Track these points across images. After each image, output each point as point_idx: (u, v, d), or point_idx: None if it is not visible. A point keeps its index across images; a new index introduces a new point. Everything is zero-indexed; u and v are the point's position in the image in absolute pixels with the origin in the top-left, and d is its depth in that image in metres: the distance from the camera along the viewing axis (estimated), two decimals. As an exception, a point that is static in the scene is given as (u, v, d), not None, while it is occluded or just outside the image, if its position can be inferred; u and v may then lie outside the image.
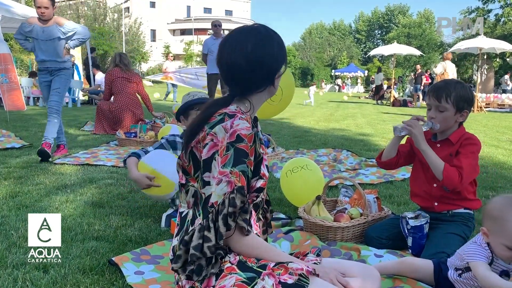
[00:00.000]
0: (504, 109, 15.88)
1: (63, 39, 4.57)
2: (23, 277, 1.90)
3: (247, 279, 1.25)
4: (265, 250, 1.37)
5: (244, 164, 1.33)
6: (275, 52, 1.46)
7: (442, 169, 2.08)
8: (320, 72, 47.40)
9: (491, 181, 3.95)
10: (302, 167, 3.01)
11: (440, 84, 2.21)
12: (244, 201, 1.31)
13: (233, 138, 1.33)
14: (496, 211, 1.64)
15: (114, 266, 2.01)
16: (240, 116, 1.39)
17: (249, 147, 1.35)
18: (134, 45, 33.76)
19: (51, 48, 4.52)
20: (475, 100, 2.48)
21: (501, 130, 8.70)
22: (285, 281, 1.24)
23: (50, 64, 4.59)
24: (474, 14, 27.47)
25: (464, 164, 2.09)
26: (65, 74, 4.67)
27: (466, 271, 1.72)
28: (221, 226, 1.28)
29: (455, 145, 2.19)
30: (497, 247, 1.63)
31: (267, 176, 1.48)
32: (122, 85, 6.47)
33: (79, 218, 2.72)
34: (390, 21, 56.40)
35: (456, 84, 2.18)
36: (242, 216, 1.32)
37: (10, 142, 5.43)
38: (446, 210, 2.25)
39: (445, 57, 12.45)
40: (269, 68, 1.46)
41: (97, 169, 4.17)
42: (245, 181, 1.32)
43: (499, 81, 22.89)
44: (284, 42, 1.54)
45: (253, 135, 1.37)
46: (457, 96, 2.12)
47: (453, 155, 2.18)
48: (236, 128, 1.35)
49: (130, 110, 6.49)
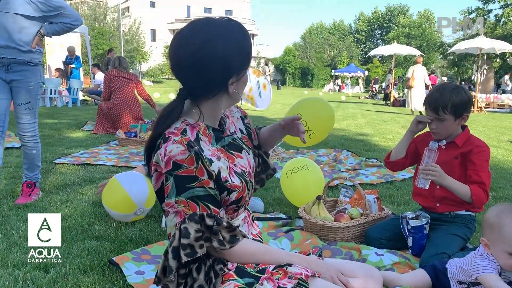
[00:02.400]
0: (504, 110, 15.89)
1: (37, 19, 2.90)
2: (24, 276, 1.90)
3: (245, 285, 1.23)
4: (263, 254, 1.32)
5: (191, 190, 1.21)
6: (229, 53, 1.23)
7: (470, 195, 2.09)
8: (320, 72, 47.37)
9: (491, 181, 3.94)
10: (303, 167, 3.01)
11: (435, 96, 2.17)
12: (198, 229, 1.20)
13: (170, 167, 1.21)
14: (492, 218, 1.64)
15: (114, 265, 2.02)
16: (174, 139, 1.22)
17: (194, 169, 1.21)
18: (134, 44, 33.71)
19: (10, 26, 2.81)
20: (472, 99, 2.38)
21: (501, 130, 8.70)
22: (284, 286, 1.22)
23: (6, 53, 2.86)
24: (474, 14, 27.46)
25: (484, 178, 2.12)
26: (32, 75, 3.00)
27: (472, 285, 1.69)
28: (170, 259, 1.20)
29: (461, 147, 2.20)
30: (500, 257, 1.61)
31: (239, 186, 1.34)
32: (120, 83, 6.56)
33: (80, 217, 2.72)
34: (390, 21, 56.37)
35: (451, 91, 2.14)
36: (214, 238, 1.22)
37: (10, 141, 5.42)
38: (448, 211, 2.25)
39: (416, 60, 12.35)
40: (218, 71, 1.24)
41: (97, 169, 4.17)
42: (196, 206, 1.21)
43: (498, 81, 22.89)
44: (250, 41, 1.29)
45: (192, 157, 1.21)
46: (454, 105, 2.12)
47: (458, 157, 2.19)
48: (170, 155, 1.20)
49: (128, 107, 6.53)
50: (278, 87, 37.09)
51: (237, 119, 1.54)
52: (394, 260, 2.11)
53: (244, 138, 1.51)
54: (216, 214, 1.24)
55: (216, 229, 1.22)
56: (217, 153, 1.33)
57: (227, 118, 1.49)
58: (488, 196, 2.14)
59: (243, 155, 1.44)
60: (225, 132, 1.42)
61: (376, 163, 4.56)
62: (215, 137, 1.37)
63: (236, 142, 1.44)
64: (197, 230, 1.20)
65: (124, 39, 30.37)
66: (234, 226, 1.28)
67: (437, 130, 2.19)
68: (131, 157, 4.86)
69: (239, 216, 1.42)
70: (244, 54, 1.28)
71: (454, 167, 2.20)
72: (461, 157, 2.19)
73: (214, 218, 1.23)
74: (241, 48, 1.27)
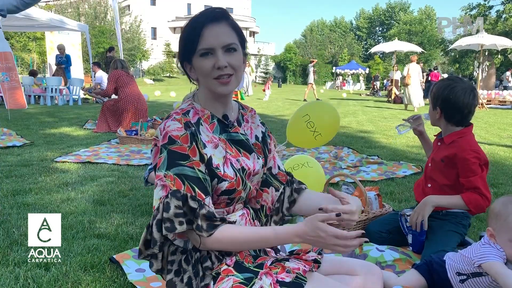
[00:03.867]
0: (506, 106, 15.84)
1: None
2: (24, 274, 1.90)
3: (244, 280, 1.23)
4: (245, 242, 1.26)
5: (181, 167, 1.23)
6: (180, 40, 1.34)
7: (464, 203, 2.07)
8: (321, 69, 47.30)
9: (492, 177, 3.95)
10: (303, 164, 3.00)
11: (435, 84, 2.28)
12: (179, 206, 1.21)
13: (166, 140, 1.25)
14: (498, 208, 1.64)
15: (115, 263, 2.02)
16: (175, 117, 1.28)
17: (187, 148, 1.25)
18: (135, 43, 33.71)
19: None
20: (465, 106, 2.23)
21: (503, 126, 8.68)
22: (282, 280, 1.23)
23: None
24: (475, 10, 27.41)
25: (476, 182, 2.05)
26: None
27: (472, 276, 1.68)
28: (155, 232, 1.23)
29: (448, 146, 2.17)
30: (505, 246, 1.61)
31: (232, 177, 1.32)
32: (128, 79, 6.75)
33: (80, 216, 2.72)
34: (391, 18, 56.24)
35: (445, 88, 2.16)
36: (195, 222, 1.22)
37: (11, 140, 5.43)
38: (440, 210, 2.23)
39: (411, 59, 13.13)
40: (179, 57, 1.37)
41: (98, 167, 4.18)
42: (181, 184, 1.22)
43: (500, 77, 22.84)
44: (188, 31, 1.31)
45: (187, 136, 1.25)
46: (435, 94, 2.19)
47: (444, 161, 2.17)
48: (167, 129, 1.26)
49: (133, 104, 6.67)
50: (279, 84, 37.07)
51: (257, 126, 1.53)
52: (395, 256, 2.11)
53: (255, 145, 1.48)
54: (201, 200, 1.23)
55: (198, 213, 1.22)
56: (216, 141, 1.34)
57: (246, 122, 1.49)
58: (489, 197, 2.07)
59: (251, 157, 1.42)
60: (235, 129, 1.42)
61: (377, 160, 4.55)
62: (219, 127, 1.38)
63: (248, 143, 1.43)
64: (177, 207, 1.21)
65: (124, 37, 30.34)
66: (214, 215, 1.24)
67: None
68: (132, 155, 4.86)
69: (236, 212, 1.40)
70: (182, 43, 1.34)
71: (442, 169, 2.20)
72: (447, 161, 2.16)
73: (198, 203, 1.23)
74: (181, 37, 1.34)
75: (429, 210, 2.11)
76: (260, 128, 1.53)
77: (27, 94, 11.58)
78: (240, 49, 1.33)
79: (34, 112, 9.31)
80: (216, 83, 1.30)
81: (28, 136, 5.86)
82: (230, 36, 1.30)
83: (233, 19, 1.34)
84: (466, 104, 2.11)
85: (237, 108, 1.49)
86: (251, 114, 1.53)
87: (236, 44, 1.31)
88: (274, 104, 12.79)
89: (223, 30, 1.29)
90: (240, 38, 1.34)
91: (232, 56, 1.29)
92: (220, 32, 1.28)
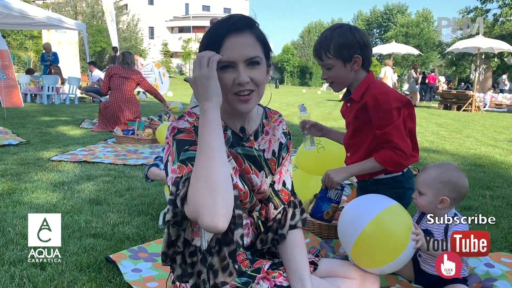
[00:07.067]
0: (502, 109, 15.92)
1: None
2: (20, 274, 1.89)
3: (241, 284, 1.23)
4: None
5: (188, 152, 1.16)
6: (204, 44, 1.22)
7: (378, 164, 1.82)
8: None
9: (488, 180, 3.96)
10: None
11: (318, 40, 1.90)
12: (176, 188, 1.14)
13: (174, 132, 1.20)
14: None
15: (111, 263, 2.01)
16: (187, 119, 1.24)
17: (194, 136, 1.18)
18: (132, 42, 33.66)
19: None
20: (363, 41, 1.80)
21: (499, 130, 8.71)
22: (280, 284, 1.22)
23: None
24: (472, 13, 27.53)
25: (389, 134, 1.78)
26: None
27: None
28: (179, 206, 1.11)
29: (360, 101, 1.87)
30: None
31: (241, 189, 1.28)
32: (119, 82, 6.49)
33: (77, 215, 2.71)
34: (388, 20, 56.38)
35: (333, 32, 1.84)
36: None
37: (7, 139, 5.40)
38: (368, 178, 1.96)
39: (386, 63, 15.07)
40: None
41: (94, 167, 4.16)
42: (184, 168, 1.15)
43: (496, 80, 22.94)
44: (218, 33, 1.19)
45: (195, 129, 1.20)
46: (336, 47, 1.81)
47: (359, 117, 1.88)
48: (174, 124, 1.22)
49: (125, 107, 6.50)
50: (276, 85, 37.08)
51: (278, 139, 1.42)
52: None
53: (271, 161, 1.39)
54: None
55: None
56: (227, 151, 1.27)
57: (265, 134, 1.39)
58: (404, 149, 1.78)
59: (260, 175, 1.35)
60: (250, 143, 1.33)
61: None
62: (231, 139, 1.30)
63: (259, 159, 1.35)
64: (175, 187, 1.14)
65: (121, 36, 30.27)
66: None
67: (329, 79, 1.89)
68: (129, 154, 4.85)
69: None
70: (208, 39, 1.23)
71: (359, 129, 1.91)
72: (360, 114, 1.87)
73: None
74: (201, 45, 1.24)
75: (341, 177, 1.87)
76: (280, 140, 1.42)
77: (23, 92, 11.54)
78: (264, 61, 1.22)
79: (30, 111, 9.27)
80: (236, 99, 1.20)
81: (24, 135, 5.84)
82: (254, 48, 1.19)
83: (258, 28, 1.24)
84: (359, 39, 1.82)
85: (260, 118, 1.40)
86: (274, 125, 1.42)
87: (259, 57, 1.20)
88: (271, 106, 12.78)
89: (246, 42, 1.18)
90: (265, 49, 1.23)
91: (255, 70, 1.19)
92: (243, 44, 1.17)
